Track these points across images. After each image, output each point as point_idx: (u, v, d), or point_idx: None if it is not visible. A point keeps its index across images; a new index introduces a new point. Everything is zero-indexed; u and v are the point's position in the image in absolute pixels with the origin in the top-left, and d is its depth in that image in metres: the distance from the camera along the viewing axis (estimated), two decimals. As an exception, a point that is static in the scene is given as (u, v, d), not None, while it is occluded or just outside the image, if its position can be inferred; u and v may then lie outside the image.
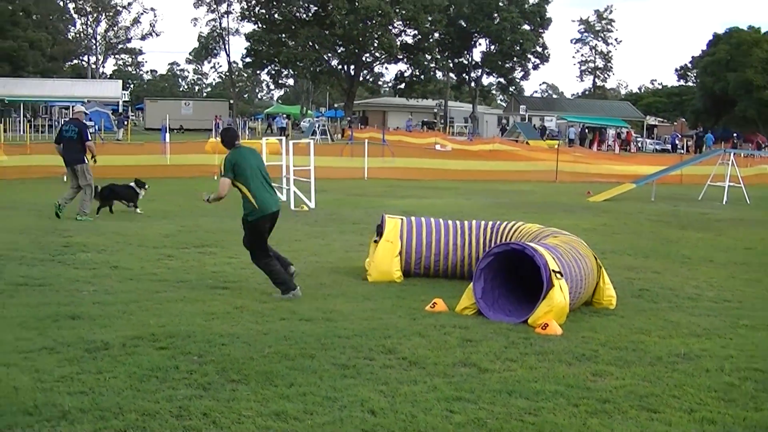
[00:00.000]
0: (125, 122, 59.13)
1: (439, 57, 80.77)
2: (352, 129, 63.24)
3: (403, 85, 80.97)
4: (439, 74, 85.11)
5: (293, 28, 75.25)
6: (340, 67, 79.66)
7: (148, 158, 27.69)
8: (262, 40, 76.89)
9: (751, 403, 6.06)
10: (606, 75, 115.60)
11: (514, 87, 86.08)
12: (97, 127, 51.14)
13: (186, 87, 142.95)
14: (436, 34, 78.86)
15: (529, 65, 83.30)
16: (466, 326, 8.01)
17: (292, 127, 71.33)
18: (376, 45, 75.24)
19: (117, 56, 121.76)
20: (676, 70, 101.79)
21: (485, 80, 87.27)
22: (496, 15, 78.61)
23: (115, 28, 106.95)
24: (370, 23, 72.18)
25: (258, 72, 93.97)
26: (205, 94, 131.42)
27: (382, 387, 6.12)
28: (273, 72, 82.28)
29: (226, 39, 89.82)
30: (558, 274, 8.16)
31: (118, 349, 6.87)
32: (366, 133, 50.41)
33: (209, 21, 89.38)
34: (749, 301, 9.92)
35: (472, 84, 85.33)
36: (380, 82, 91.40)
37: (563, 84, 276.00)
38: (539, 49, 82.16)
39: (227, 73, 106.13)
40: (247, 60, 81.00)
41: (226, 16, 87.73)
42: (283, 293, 9.20)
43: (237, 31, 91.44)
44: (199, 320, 7.97)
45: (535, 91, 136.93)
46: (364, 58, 77.43)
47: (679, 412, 5.82)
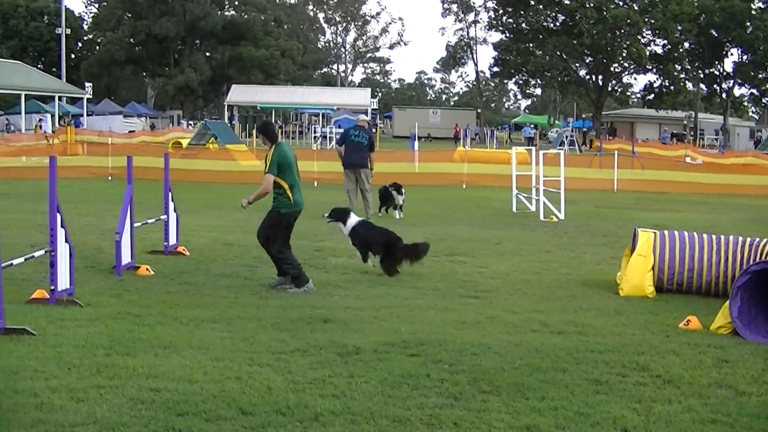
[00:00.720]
0: (373, 130, 60.82)
1: (690, 67, 77.33)
2: (601, 140, 61.81)
3: (652, 96, 78.18)
4: (690, 85, 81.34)
5: (541, 37, 74.74)
6: (588, 77, 78.29)
7: (397, 166, 28.26)
8: (510, 50, 76.95)
9: None
10: None
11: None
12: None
13: (433, 96, 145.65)
14: (686, 44, 75.50)
15: (786, 75, 77.59)
16: (721, 346, 7.65)
17: (540, 137, 70.82)
18: (624, 55, 73.44)
19: (365, 65, 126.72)
20: None
21: (737, 91, 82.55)
22: (748, 23, 73.79)
23: (364, 38, 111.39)
24: (618, 33, 70.49)
25: (505, 81, 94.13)
26: (452, 103, 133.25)
27: (636, 405, 5.93)
28: (521, 81, 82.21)
29: (474, 48, 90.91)
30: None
31: (370, 354, 6.95)
32: (614, 144, 49.19)
33: (457, 30, 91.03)
34: None
35: (723, 95, 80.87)
36: (629, 93, 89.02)
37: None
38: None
39: (474, 82, 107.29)
40: (495, 69, 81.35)
41: (473, 25, 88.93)
42: (298, 286, 9.56)
43: (484, 41, 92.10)
44: (450, 329, 7.97)
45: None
46: (612, 68, 75.56)
47: None
